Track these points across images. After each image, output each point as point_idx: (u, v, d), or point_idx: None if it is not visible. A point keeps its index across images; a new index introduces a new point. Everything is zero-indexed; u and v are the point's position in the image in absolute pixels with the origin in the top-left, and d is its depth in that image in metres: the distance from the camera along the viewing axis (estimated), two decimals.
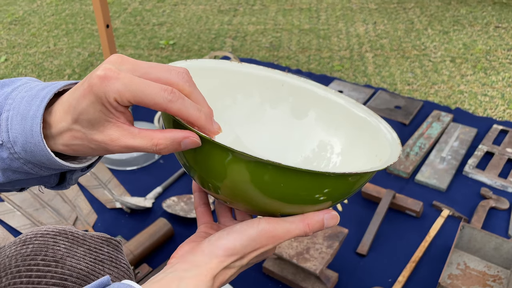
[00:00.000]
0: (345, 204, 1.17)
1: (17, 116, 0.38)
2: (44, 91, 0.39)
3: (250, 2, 2.96)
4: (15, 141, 0.38)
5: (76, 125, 0.37)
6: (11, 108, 0.39)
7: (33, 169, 0.40)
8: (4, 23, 2.76)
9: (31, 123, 0.37)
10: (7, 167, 0.40)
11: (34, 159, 0.39)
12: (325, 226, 0.42)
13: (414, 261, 0.99)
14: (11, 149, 0.39)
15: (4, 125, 0.39)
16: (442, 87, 1.79)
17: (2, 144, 0.39)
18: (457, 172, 1.27)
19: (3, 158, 0.39)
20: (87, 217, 1.14)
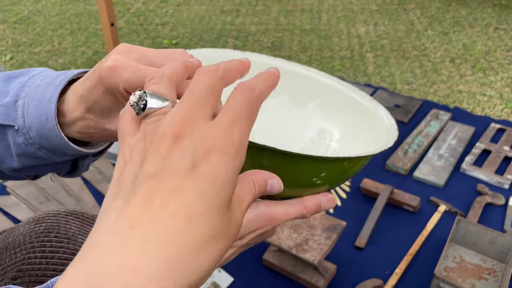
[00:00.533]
0: (344, 199, 1.19)
1: (33, 102, 0.40)
2: (58, 79, 0.41)
3: (252, 3, 2.98)
4: (31, 127, 0.40)
5: (89, 115, 0.38)
6: (27, 95, 0.40)
7: (47, 154, 0.42)
8: (9, 22, 2.80)
9: (46, 109, 0.39)
10: (22, 152, 0.41)
11: (49, 144, 0.41)
12: (322, 208, 0.44)
13: (411, 254, 1.01)
14: (27, 135, 0.40)
15: (20, 111, 0.40)
16: (441, 87, 1.82)
17: (18, 129, 0.40)
18: (455, 169, 1.29)
19: (18, 144, 0.41)
20: (91, 210, 1.16)
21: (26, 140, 0.41)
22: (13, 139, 0.41)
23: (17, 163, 0.43)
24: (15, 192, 1.20)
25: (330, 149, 0.52)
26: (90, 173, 1.29)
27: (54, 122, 0.39)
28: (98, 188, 1.24)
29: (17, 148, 0.41)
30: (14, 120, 0.40)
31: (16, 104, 0.40)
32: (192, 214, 0.22)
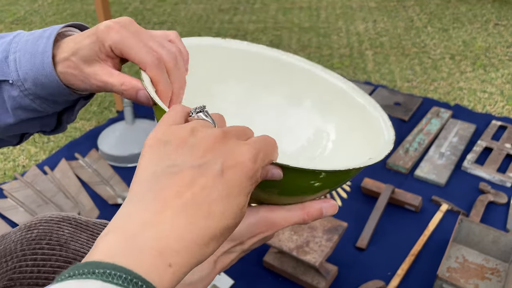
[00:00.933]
0: (345, 199, 1.18)
1: (25, 55, 0.43)
2: (47, 32, 0.44)
3: (251, 1, 2.97)
4: (26, 78, 0.43)
5: (73, 57, 0.43)
6: (17, 50, 0.43)
7: (41, 105, 0.45)
8: (6, 22, 2.78)
9: (41, 58, 0.43)
10: (17, 105, 0.44)
11: (43, 92, 0.44)
12: (324, 214, 0.43)
13: (413, 254, 1.00)
14: (22, 87, 0.44)
15: (12, 66, 0.43)
16: (442, 84, 1.80)
17: (12, 83, 0.43)
18: (456, 167, 1.28)
19: (14, 97, 0.44)
20: (89, 213, 1.15)
21: (21, 92, 0.44)
22: (8, 94, 0.44)
23: (13, 118, 0.46)
24: (12, 195, 1.18)
25: (327, 150, 0.51)
26: (88, 175, 1.27)
27: (51, 68, 0.42)
28: (96, 191, 1.23)
29: (12, 101, 0.44)
30: (8, 75, 0.43)
31: (7, 60, 0.43)
32: (212, 210, 0.27)
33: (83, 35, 0.43)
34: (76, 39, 0.43)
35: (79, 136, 1.55)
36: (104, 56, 0.42)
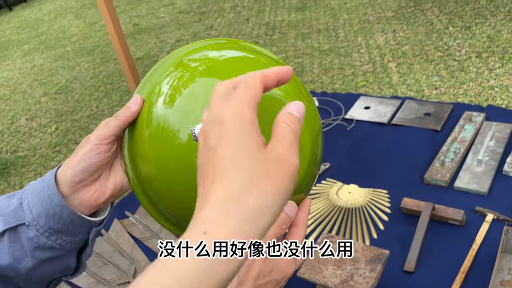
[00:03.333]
0: (386, 222, 1.19)
1: (35, 195, 0.48)
2: (49, 172, 0.49)
3: (269, 33, 3.06)
4: (39, 215, 0.47)
5: (81, 174, 0.49)
6: (28, 195, 0.49)
7: (56, 241, 0.48)
8: (50, 93, 3.03)
9: (47, 191, 0.47)
10: (35, 245, 0.48)
11: (58, 224, 0.48)
12: (290, 215, 0.44)
13: (463, 271, 0.98)
14: (37, 225, 0.47)
15: (26, 208, 0.48)
16: (471, 86, 1.77)
17: (28, 224, 0.47)
18: (497, 172, 1.25)
19: (31, 238, 0.48)
20: (144, 268, 1.22)
21: (37, 231, 0.48)
22: (26, 236, 0.48)
23: (32, 261, 0.49)
24: None
25: None
26: (139, 231, 1.36)
27: (59, 197, 0.47)
28: (148, 245, 1.31)
29: (30, 243, 0.48)
30: (24, 218, 0.48)
31: (22, 206, 0.48)
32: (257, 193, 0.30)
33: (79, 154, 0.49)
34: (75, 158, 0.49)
35: (126, 195, 1.66)
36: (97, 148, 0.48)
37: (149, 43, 3.45)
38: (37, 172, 2.14)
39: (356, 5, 3.06)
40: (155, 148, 0.46)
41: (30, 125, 2.63)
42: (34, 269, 0.49)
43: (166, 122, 0.45)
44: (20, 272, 0.49)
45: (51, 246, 0.48)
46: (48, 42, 4.07)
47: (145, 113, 0.48)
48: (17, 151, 2.37)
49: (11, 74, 3.55)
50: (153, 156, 0.46)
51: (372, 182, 1.33)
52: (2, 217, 0.48)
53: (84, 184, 0.49)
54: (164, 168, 0.45)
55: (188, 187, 0.43)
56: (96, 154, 0.48)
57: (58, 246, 0.49)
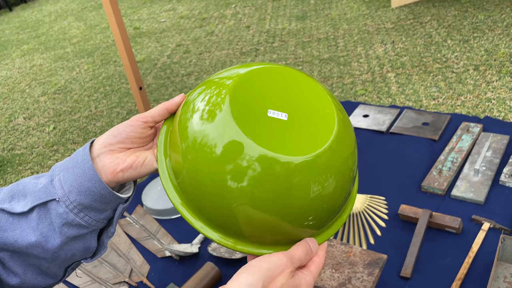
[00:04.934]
0: (383, 228, 1.19)
1: (67, 172, 0.49)
2: (81, 148, 0.51)
3: (270, 40, 3.09)
4: (70, 190, 0.49)
5: (109, 138, 0.52)
6: (60, 172, 0.50)
7: (84, 218, 0.49)
8: (49, 93, 3.03)
9: (82, 166, 0.49)
10: (64, 222, 0.49)
11: (88, 199, 0.49)
12: (313, 249, 0.48)
13: (460, 279, 0.99)
14: (67, 201, 0.48)
15: (58, 185, 0.49)
16: (469, 97, 1.79)
17: (58, 200, 0.48)
18: (494, 182, 1.26)
19: (60, 214, 0.49)
20: (140, 268, 1.22)
21: (67, 207, 0.49)
22: (55, 212, 0.49)
23: (60, 238, 0.49)
24: None
25: None
26: (136, 231, 1.35)
27: (93, 171, 0.49)
28: (144, 245, 1.30)
29: (59, 219, 0.49)
30: (54, 194, 0.49)
31: (52, 182, 0.49)
32: None
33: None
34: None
35: None
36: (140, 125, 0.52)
37: (149, 46, 3.47)
38: (34, 171, 2.13)
39: (356, 16, 3.09)
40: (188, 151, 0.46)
41: (28, 124, 2.62)
42: (61, 247, 0.50)
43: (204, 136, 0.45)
44: (47, 249, 0.50)
45: (78, 223, 0.49)
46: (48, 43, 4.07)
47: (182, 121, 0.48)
48: (14, 149, 2.36)
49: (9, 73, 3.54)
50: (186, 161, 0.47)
51: (370, 188, 1.34)
52: (31, 195, 0.49)
53: (111, 149, 0.51)
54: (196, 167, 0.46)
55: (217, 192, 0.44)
56: (129, 125, 0.52)
57: (84, 223, 0.50)
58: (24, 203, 0.49)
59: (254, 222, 0.44)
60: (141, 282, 1.18)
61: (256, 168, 0.41)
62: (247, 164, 0.41)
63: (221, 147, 0.43)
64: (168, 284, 1.15)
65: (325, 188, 0.44)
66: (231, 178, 0.42)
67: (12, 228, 0.49)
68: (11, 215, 0.49)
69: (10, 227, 0.49)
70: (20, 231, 0.48)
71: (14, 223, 0.49)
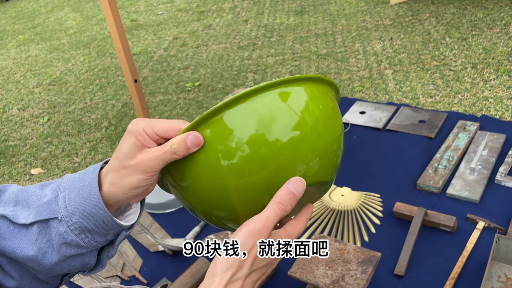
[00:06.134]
0: (378, 225, 1.19)
1: (73, 191, 0.47)
2: (91, 169, 0.48)
3: (268, 35, 3.06)
4: (74, 212, 0.47)
5: (115, 161, 0.47)
6: (66, 189, 0.48)
7: (84, 240, 0.48)
8: (44, 84, 3.00)
9: (88, 190, 0.47)
10: (63, 241, 0.48)
11: (90, 223, 0.47)
12: (297, 194, 0.44)
13: (453, 277, 0.99)
14: (69, 222, 0.47)
15: (62, 203, 0.47)
16: (466, 95, 1.79)
17: (60, 219, 0.47)
18: (489, 181, 1.26)
19: (61, 233, 0.48)
20: (133, 262, 1.21)
21: (68, 227, 0.48)
22: (56, 230, 0.48)
23: (57, 256, 0.49)
24: None
25: None
26: None
27: (98, 198, 0.47)
28: (137, 240, 1.29)
29: (58, 238, 0.48)
30: (57, 212, 0.47)
31: (56, 199, 0.48)
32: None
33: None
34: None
35: None
36: (141, 142, 0.47)
37: (146, 39, 3.44)
38: (27, 162, 2.11)
39: (355, 12, 3.08)
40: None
41: (22, 115, 2.60)
42: (57, 264, 0.49)
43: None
44: (43, 265, 0.49)
45: (78, 244, 0.49)
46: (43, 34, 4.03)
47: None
48: (8, 140, 2.34)
49: (4, 64, 3.51)
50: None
51: (365, 185, 1.33)
52: (34, 208, 0.48)
53: (118, 173, 0.48)
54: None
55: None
56: (142, 178, 0.47)
57: (85, 244, 0.49)
58: (27, 214, 0.48)
59: (246, 196, 0.45)
60: (133, 276, 1.17)
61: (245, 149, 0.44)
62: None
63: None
64: (160, 278, 1.14)
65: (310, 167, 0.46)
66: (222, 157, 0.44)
67: (12, 238, 0.48)
68: (13, 224, 0.49)
69: (10, 236, 0.48)
70: (19, 242, 0.48)
71: (14, 233, 0.48)
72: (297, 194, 0.44)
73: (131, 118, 2.29)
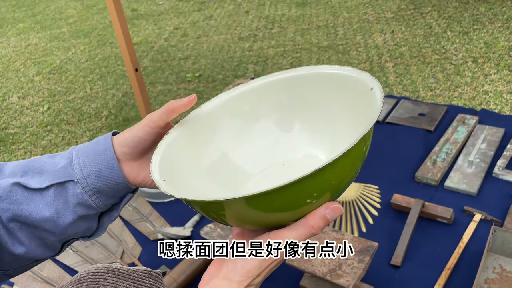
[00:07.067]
0: (376, 216, 1.20)
1: (88, 157, 0.53)
2: (101, 137, 0.54)
3: (269, 26, 3.06)
4: (89, 175, 0.52)
5: (129, 142, 0.54)
6: (80, 155, 0.53)
7: (95, 201, 0.53)
8: (44, 73, 2.99)
9: (104, 154, 0.52)
10: (78, 201, 0.52)
11: (104, 184, 0.53)
12: (330, 220, 0.44)
13: (449, 268, 1.00)
14: (84, 183, 0.52)
15: (77, 167, 0.52)
16: (466, 89, 1.79)
17: (76, 181, 0.52)
18: (487, 174, 1.27)
19: (76, 194, 0.52)
20: (132, 250, 1.22)
21: (83, 189, 0.53)
22: (72, 191, 0.52)
23: (71, 215, 0.53)
24: None
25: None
26: (129, 213, 1.35)
27: (114, 159, 0.52)
28: (137, 228, 1.30)
29: (74, 198, 0.53)
30: (73, 175, 0.52)
31: (72, 164, 0.53)
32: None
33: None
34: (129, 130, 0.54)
35: None
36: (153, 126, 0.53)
37: (146, 29, 3.43)
38: (27, 150, 2.12)
39: (357, 4, 3.06)
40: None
41: (22, 103, 2.60)
42: (70, 224, 0.53)
43: None
44: (58, 225, 0.53)
45: (89, 205, 0.53)
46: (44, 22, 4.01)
47: None
48: (8, 128, 2.34)
49: (4, 52, 3.49)
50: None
51: (364, 177, 1.34)
52: (50, 173, 0.53)
53: (127, 158, 0.54)
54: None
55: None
56: (141, 127, 0.53)
57: (94, 205, 0.53)
58: (41, 180, 0.52)
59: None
60: (132, 264, 1.18)
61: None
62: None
63: None
64: (159, 266, 1.15)
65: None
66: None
67: (27, 202, 0.52)
68: (26, 189, 0.52)
69: (25, 200, 0.52)
70: (35, 205, 0.52)
71: (29, 198, 0.52)
72: (331, 220, 0.44)
73: (131, 107, 2.29)
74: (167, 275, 1.07)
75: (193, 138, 0.56)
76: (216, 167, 0.56)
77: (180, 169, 0.53)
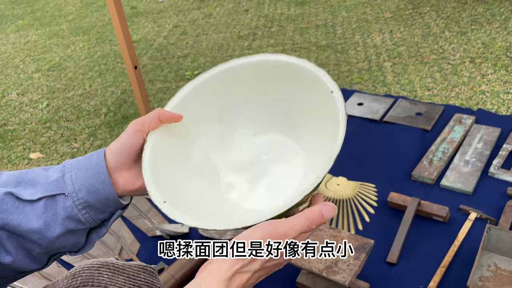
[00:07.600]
0: (372, 214, 1.21)
1: (80, 171, 0.53)
2: (94, 152, 0.54)
3: (268, 25, 3.06)
4: (80, 189, 0.52)
5: (118, 149, 0.55)
6: (72, 169, 0.53)
7: (84, 216, 0.53)
8: (43, 70, 2.99)
9: (96, 169, 0.53)
10: (67, 215, 0.53)
11: (95, 198, 0.53)
12: (326, 219, 0.47)
13: (444, 266, 1.01)
14: (75, 197, 0.52)
15: (69, 181, 0.53)
16: (463, 89, 1.80)
17: (67, 195, 0.52)
18: (483, 173, 1.28)
19: (66, 207, 0.52)
20: (131, 246, 1.23)
21: (73, 202, 0.53)
22: (62, 205, 0.53)
23: (60, 228, 0.53)
24: None
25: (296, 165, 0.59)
26: (127, 210, 1.36)
27: (105, 175, 0.53)
28: (135, 224, 1.31)
29: (64, 211, 0.53)
30: (64, 189, 0.53)
31: (63, 178, 0.53)
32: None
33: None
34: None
35: None
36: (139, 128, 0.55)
37: (146, 27, 3.43)
38: (26, 147, 2.12)
39: (355, 3, 3.07)
40: None
41: (21, 100, 2.60)
42: (57, 238, 0.54)
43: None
44: (46, 237, 0.53)
45: (78, 219, 0.54)
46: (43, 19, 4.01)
47: None
48: (7, 124, 2.35)
49: (3, 49, 3.49)
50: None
51: (361, 175, 1.35)
52: (42, 186, 0.53)
53: (120, 167, 0.55)
54: None
55: None
56: (128, 134, 0.55)
57: (84, 220, 0.54)
58: (33, 192, 0.53)
59: None
60: (130, 260, 1.19)
61: None
62: None
63: None
64: (157, 262, 1.16)
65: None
66: None
67: (17, 212, 0.52)
68: (18, 200, 0.52)
69: (15, 210, 0.52)
70: (25, 216, 0.52)
71: (19, 208, 0.52)
72: (326, 219, 0.47)
73: (130, 105, 2.30)
74: (165, 271, 1.08)
75: (171, 140, 0.59)
76: (200, 166, 0.60)
77: (170, 175, 0.56)
